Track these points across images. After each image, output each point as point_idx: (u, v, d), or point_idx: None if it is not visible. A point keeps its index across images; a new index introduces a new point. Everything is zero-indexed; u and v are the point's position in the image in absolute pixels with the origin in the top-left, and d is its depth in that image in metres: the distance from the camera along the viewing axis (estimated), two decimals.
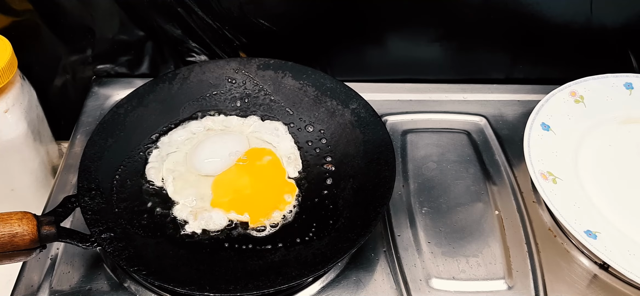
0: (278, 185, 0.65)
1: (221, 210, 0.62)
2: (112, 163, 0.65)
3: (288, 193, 0.64)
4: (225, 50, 0.80)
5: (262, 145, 0.69)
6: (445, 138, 0.75)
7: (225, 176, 0.65)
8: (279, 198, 0.64)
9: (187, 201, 0.63)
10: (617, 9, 0.78)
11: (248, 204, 0.63)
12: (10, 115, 0.70)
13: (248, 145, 0.68)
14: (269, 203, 0.63)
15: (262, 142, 0.70)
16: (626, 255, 0.59)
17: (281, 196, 0.64)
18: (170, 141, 0.69)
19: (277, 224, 0.62)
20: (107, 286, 0.59)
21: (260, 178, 0.66)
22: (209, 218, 0.61)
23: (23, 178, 0.75)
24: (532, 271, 0.61)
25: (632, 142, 0.72)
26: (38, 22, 0.76)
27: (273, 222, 0.62)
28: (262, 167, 0.66)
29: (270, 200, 0.64)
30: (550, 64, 0.83)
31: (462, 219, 0.65)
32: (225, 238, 0.60)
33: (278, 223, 0.62)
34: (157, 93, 0.73)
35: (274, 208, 0.63)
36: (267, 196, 0.64)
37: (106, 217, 0.59)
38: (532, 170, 0.65)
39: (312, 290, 0.59)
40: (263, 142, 0.70)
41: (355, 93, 0.72)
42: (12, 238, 0.52)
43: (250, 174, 0.66)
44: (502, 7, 0.77)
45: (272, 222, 0.62)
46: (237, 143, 0.68)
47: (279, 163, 0.67)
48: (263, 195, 0.64)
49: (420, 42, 0.81)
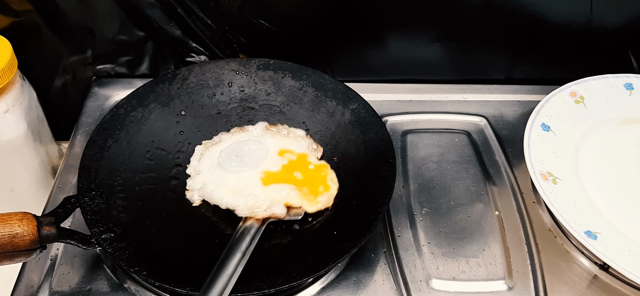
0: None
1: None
2: (112, 163, 0.65)
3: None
4: (225, 51, 0.80)
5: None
6: (445, 139, 0.75)
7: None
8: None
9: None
10: (617, 9, 0.78)
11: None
12: (10, 115, 0.70)
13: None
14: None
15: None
16: (626, 256, 0.59)
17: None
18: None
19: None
20: (107, 287, 0.59)
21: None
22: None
23: (23, 178, 0.75)
24: (532, 271, 0.61)
25: (632, 142, 0.72)
26: (38, 22, 0.76)
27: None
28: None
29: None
30: (550, 65, 0.83)
31: (462, 220, 0.65)
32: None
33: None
34: (157, 94, 0.73)
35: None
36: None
37: (106, 218, 0.59)
38: (532, 171, 0.65)
39: (312, 290, 0.59)
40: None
41: (355, 94, 0.72)
42: (12, 239, 0.52)
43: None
44: (502, 7, 0.77)
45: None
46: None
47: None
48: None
49: (421, 42, 0.81)
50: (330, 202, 0.64)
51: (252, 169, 0.64)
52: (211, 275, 0.53)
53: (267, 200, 0.61)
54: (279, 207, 0.61)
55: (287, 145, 0.68)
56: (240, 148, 0.66)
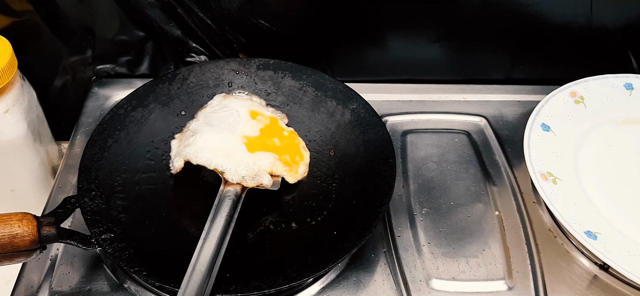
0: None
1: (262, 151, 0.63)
2: (112, 163, 0.65)
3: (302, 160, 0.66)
4: (225, 51, 0.80)
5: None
6: (445, 139, 0.75)
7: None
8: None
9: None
10: (617, 9, 0.78)
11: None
12: (10, 115, 0.70)
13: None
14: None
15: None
16: (626, 256, 0.59)
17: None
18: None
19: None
20: (107, 287, 0.59)
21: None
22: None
23: (23, 178, 0.75)
24: (532, 272, 0.61)
25: (632, 142, 0.72)
26: (38, 22, 0.76)
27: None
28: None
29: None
30: (550, 65, 0.83)
31: (462, 220, 0.65)
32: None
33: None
34: (157, 94, 0.73)
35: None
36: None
37: (106, 218, 0.59)
38: (532, 171, 0.65)
39: (312, 290, 0.59)
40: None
41: (355, 94, 0.72)
42: (12, 239, 0.52)
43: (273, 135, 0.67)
44: (502, 8, 0.77)
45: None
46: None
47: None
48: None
49: (420, 42, 0.81)
50: (306, 172, 0.65)
51: (231, 133, 0.64)
52: (198, 246, 0.53)
53: (255, 169, 0.61)
54: (266, 176, 0.62)
55: (255, 108, 0.68)
56: (209, 119, 0.66)
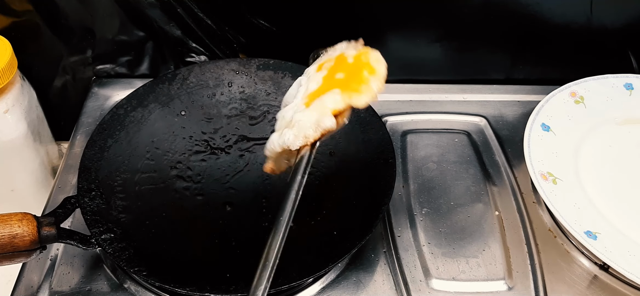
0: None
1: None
2: (112, 164, 0.65)
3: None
4: (225, 51, 0.80)
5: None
6: (445, 139, 0.75)
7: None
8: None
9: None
10: (617, 10, 0.78)
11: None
12: (10, 115, 0.70)
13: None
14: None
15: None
16: (626, 256, 0.59)
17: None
18: None
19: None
20: (107, 287, 0.59)
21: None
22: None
23: (23, 178, 0.75)
24: (532, 272, 0.61)
25: (632, 142, 0.72)
26: (38, 22, 0.76)
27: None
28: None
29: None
30: (550, 65, 0.83)
31: (462, 220, 0.65)
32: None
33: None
34: (157, 94, 0.73)
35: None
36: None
37: (106, 218, 0.59)
38: (532, 171, 0.65)
39: (312, 290, 0.59)
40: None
41: None
42: (12, 239, 0.52)
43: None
44: (502, 8, 0.77)
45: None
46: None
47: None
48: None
49: (420, 42, 0.81)
50: (381, 86, 0.57)
51: (294, 103, 0.58)
52: (280, 208, 0.49)
53: (312, 120, 0.54)
54: (328, 118, 0.54)
55: (325, 57, 0.62)
56: (286, 99, 0.61)
